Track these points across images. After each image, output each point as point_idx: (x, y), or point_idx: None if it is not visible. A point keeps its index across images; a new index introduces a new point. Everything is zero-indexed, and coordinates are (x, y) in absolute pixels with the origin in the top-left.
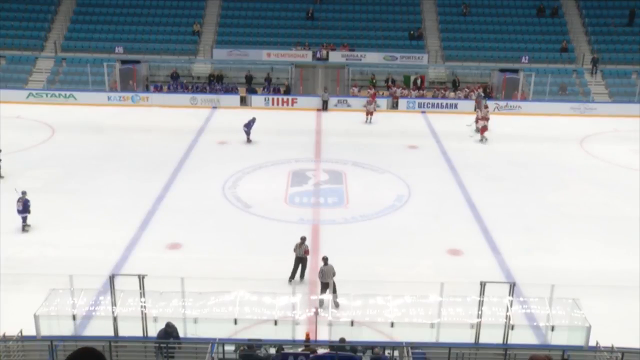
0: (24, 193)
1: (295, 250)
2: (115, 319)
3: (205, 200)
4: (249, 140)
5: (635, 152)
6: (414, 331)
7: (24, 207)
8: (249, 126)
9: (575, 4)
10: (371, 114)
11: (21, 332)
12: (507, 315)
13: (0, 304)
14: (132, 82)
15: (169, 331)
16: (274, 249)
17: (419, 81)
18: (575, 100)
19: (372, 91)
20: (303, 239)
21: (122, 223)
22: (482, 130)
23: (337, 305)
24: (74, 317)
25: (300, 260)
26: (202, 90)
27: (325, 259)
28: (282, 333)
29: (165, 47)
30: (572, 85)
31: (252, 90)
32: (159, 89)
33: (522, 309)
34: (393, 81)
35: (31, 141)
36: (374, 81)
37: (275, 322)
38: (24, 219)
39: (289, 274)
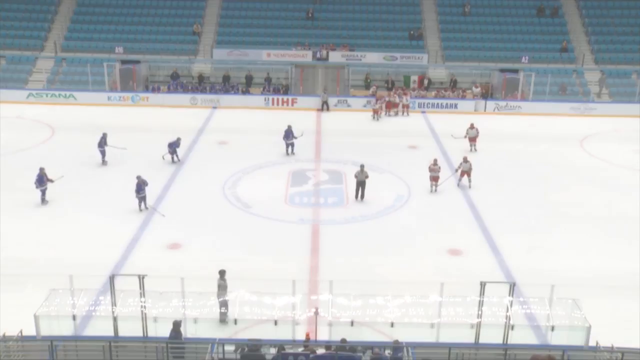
0: (138, 177)
1: (356, 176)
2: (115, 319)
3: (205, 200)
4: (292, 152)
5: (635, 152)
6: (414, 331)
7: (139, 188)
8: (288, 136)
9: (575, 4)
10: (377, 112)
11: (21, 332)
12: (507, 315)
13: (0, 304)
14: (132, 82)
15: (176, 329)
16: (274, 249)
17: (425, 81)
18: (575, 100)
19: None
20: (362, 166)
21: (122, 223)
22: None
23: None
24: (74, 317)
25: (361, 184)
26: (202, 90)
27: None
28: (282, 333)
29: (165, 47)
30: (572, 85)
31: (248, 91)
32: (157, 90)
33: (522, 309)
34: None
35: (31, 141)
36: (369, 80)
37: (275, 322)
38: (144, 199)
39: (354, 195)
